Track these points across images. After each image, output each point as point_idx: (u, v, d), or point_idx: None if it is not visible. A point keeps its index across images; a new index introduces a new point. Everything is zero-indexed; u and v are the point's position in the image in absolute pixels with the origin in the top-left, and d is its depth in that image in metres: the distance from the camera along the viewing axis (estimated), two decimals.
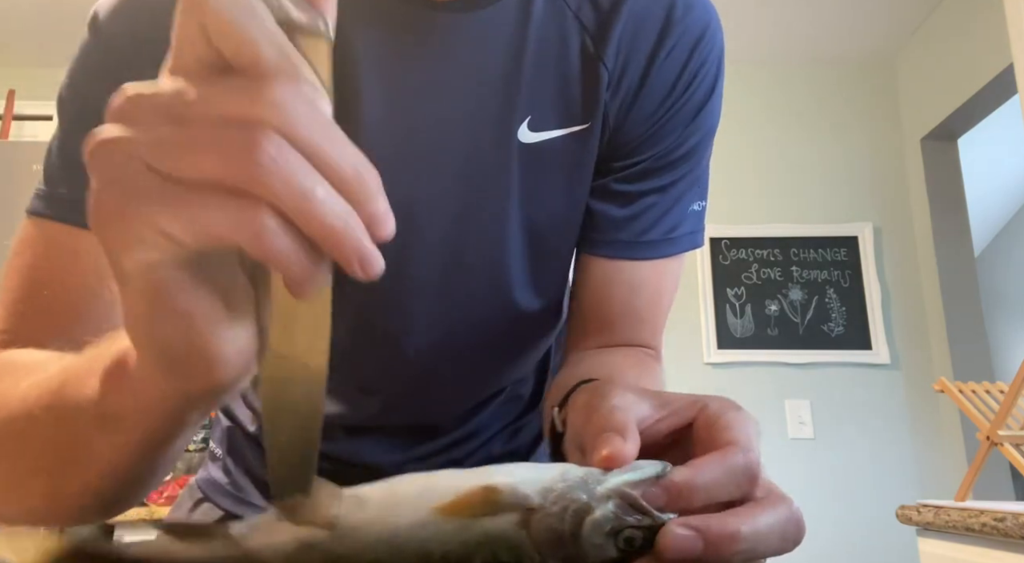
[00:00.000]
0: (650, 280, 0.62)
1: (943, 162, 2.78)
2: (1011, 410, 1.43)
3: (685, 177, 0.61)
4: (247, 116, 0.22)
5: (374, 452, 0.67)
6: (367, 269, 0.24)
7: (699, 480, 0.30)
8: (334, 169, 0.23)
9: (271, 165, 0.22)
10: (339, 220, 0.23)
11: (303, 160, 0.23)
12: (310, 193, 0.22)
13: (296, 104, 0.23)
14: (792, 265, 2.78)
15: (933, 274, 2.69)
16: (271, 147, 0.22)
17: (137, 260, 0.24)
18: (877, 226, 2.82)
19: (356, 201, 0.24)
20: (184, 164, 0.22)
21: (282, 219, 0.23)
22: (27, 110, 2.80)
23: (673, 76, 0.58)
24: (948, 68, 2.65)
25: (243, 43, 0.23)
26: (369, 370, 0.63)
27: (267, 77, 0.23)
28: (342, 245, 0.23)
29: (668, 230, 0.62)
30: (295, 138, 0.23)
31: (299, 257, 0.23)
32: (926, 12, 2.73)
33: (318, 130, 0.23)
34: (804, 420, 2.65)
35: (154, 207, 0.23)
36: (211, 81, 0.23)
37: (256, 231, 0.22)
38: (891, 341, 2.70)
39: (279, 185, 0.22)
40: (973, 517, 1.33)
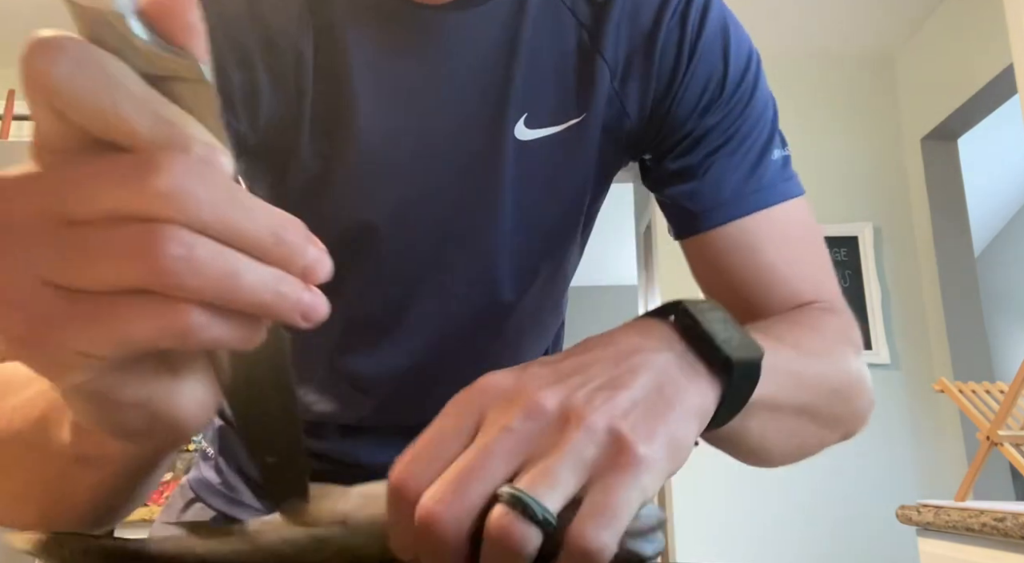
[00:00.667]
0: (767, 235, 0.57)
1: (943, 162, 2.78)
2: (1011, 410, 1.43)
3: (743, 127, 0.58)
4: (140, 211, 0.19)
5: (370, 452, 0.66)
6: (310, 319, 0.23)
7: None
8: (251, 240, 0.21)
9: (180, 265, 0.19)
10: (269, 291, 0.21)
11: (214, 244, 0.20)
12: (232, 278, 0.20)
13: (191, 183, 0.20)
14: None
15: (933, 274, 2.69)
16: (175, 246, 0.19)
17: (64, 380, 0.22)
18: (877, 226, 2.82)
19: (284, 262, 0.22)
20: (85, 276, 0.20)
21: (208, 308, 0.21)
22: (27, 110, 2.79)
23: (675, 45, 0.57)
24: (948, 68, 2.65)
25: (107, 118, 0.20)
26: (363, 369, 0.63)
27: (149, 155, 0.20)
28: (279, 312, 0.22)
29: (755, 180, 0.58)
30: (199, 223, 0.20)
31: (238, 334, 0.22)
32: (926, 12, 2.73)
33: (223, 205, 0.20)
34: None
35: (64, 329, 0.20)
36: (86, 167, 0.20)
37: (183, 331, 0.20)
38: (891, 341, 2.70)
39: (195, 282, 0.20)
40: (973, 517, 1.33)
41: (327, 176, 0.55)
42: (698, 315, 0.34)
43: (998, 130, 3.27)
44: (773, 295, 0.57)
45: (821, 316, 0.55)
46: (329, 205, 0.56)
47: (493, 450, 0.28)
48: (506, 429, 0.29)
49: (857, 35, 2.86)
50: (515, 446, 0.28)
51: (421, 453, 0.29)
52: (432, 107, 0.55)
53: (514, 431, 0.29)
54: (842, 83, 2.98)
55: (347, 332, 0.60)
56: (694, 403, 0.32)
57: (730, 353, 0.33)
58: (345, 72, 0.53)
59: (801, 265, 0.58)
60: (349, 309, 0.58)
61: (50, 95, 0.19)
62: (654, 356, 0.33)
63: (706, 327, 0.34)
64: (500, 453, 0.28)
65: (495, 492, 0.27)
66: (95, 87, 0.19)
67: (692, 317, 0.34)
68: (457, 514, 0.27)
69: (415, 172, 0.56)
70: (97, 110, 0.19)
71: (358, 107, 0.53)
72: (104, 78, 0.20)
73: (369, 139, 0.54)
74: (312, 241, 0.23)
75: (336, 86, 0.53)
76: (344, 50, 0.53)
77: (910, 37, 2.87)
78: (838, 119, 2.94)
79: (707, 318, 0.34)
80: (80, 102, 0.19)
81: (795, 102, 2.94)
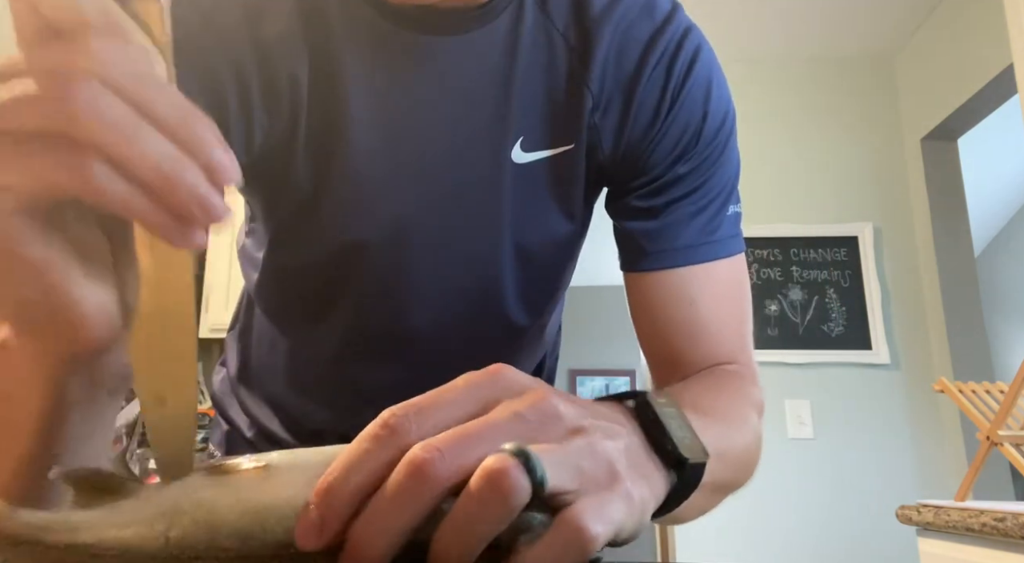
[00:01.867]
0: (706, 288, 0.60)
1: (943, 162, 2.78)
2: (1011, 410, 1.43)
3: (709, 181, 0.60)
4: (64, 65, 0.23)
5: None
6: (209, 214, 0.24)
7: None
8: (159, 117, 0.23)
9: (88, 107, 0.22)
10: (169, 164, 0.23)
11: (125, 106, 0.23)
12: (133, 137, 0.23)
13: (115, 55, 0.23)
14: (792, 265, 2.78)
15: (933, 274, 2.69)
16: (87, 91, 0.22)
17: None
18: (877, 226, 2.82)
19: (189, 149, 0.24)
20: (5, 116, 0.23)
21: (111, 164, 0.23)
22: None
23: (657, 92, 0.58)
24: (948, 68, 2.65)
25: (65, 7, 0.23)
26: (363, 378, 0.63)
27: (87, 33, 0.23)
28: (175, 189, 0.23)
29: (708, 233, 0.60)
30: (115, 85, 0.23)
31: (140, 202, 0.23)
32: (926, 12, 2.73)
33: (140, 80, 0.23)
34: (804, 420, 2.65)
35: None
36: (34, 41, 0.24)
37: (86, 176, 0.23)
38: (891, 341, 2.70)
39: (99, 128, 0.22)
40: (973, 517, 1.33)
41: (320, 196, 0.55)
42: (659, 411, 0.35)
43: (998, 130, 3.27)
44: (698, 348, 0.60)
45: (735, 382, 0.58)
46: (321, 224, 0.56)
47: (501, 427, 0.27)
48: (517, 414, 0.28)
49: (857, 36, 2.86)
50: (523, 432, 0.28)
51: (425, 407, 0.28)
52: (428, 130, 0.55)
53: (525, 420, 0.28)
54: (842, 83, 2.98)
55: (347, 343, 0.60)
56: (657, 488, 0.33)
57: (686, 455, 0.34)
58: (341, 94, 0.53)
59: (729, 325, 0.61)
60: (347, 321, 0.59)
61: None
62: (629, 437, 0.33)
63: (667, 425, 0.34)
64: (507, 431, 0.27)
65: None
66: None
67: (654, 412, 0.35)
68: (451, 466, 0.26)
69: (410, 193, 0.56)
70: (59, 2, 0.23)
71: (353, 129, 0.53)
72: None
73: (363, 161, 0.54)
74: (222, 145, 0.25)
75: (331, 108, 0.53)
76: (340, 72, 0.52)
77: (910, 37, 2.87)
78: (838, 119, 2.94)
79: (665, 413, 0.35)
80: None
81: (795, 102, 2.94)
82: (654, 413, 0.35)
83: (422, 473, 0.25)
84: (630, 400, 0.37)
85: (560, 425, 0.29)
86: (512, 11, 0.55)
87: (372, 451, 0.27)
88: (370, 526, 0.26)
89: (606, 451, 0.29)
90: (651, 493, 0.32)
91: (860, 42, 2.90)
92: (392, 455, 0.26)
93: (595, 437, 0.29)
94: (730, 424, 0.49)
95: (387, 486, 0.26)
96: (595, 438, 0.29)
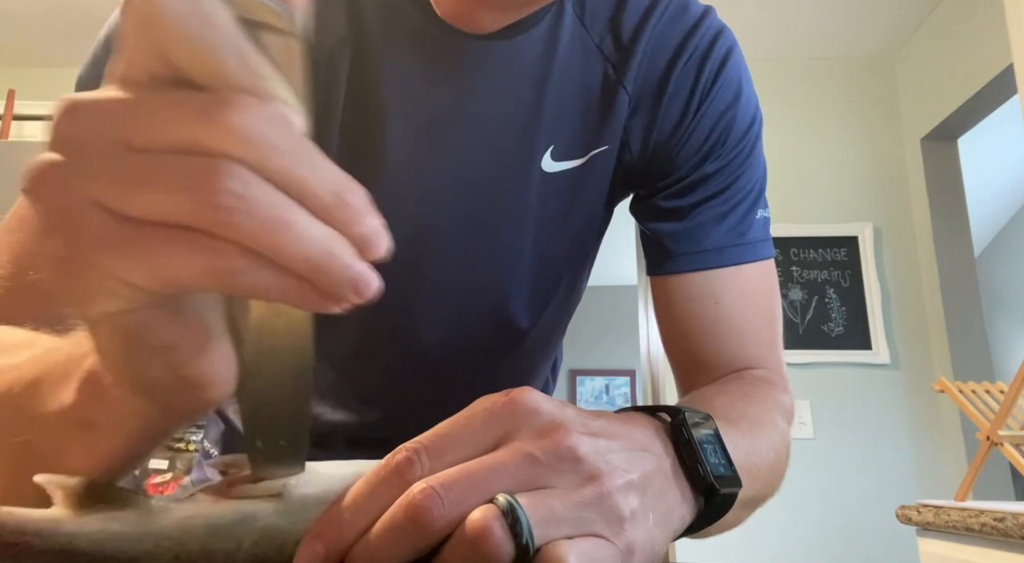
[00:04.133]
0: (733, 291, 0.59)
1: (943, 162, 2.78)
2: (1011, 410, 1.43)
3: (736, 182, 0.60)
4: (204, 145, 0.19)
5: None
6: (361, 293, 0.22)
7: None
8: (311, 194, 0.21)
9: (235, 204, 0.19)
10: (320, 251, 0.20)
11: (273, 191, 0.20)
12: (283, 227, 0.20)
13: (260, 126, 0.20)
14: (792, 265, 2.78)
15: (933, 274, 2.69)
16: (234, 183, 0.19)
17: (97, 308, 0.22)
18: (877, 226, 2.82)
19: (340, 224, 0.21)
20: (137, 203, 0.20)
21: (256, 255, 0.20)
22: (27, 110, 2.79)
23: (687, 91, 0.58)
24: (948, 68, 2.65)
25: (200, 55, 0.20)
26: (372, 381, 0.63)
27: (226, 95, 0.20)
28: (328, 275, 0.21)
29: (736, 236, 0.59)
30: (262, 166, 0.20)
31: (286, 289, 0.21)
32: (926, 12, 2.73)
33: (288, 153, 0.20)
34: (804, 420, 2.65)
35: (110, 255, 0.20)
36: (163, 99, 0.20)
37: (226, 274, 0.20)
38: (891, 341, 2.70)
39: (246, 224, 0.19)
40: (973, 517, 1.33)
41: None
42: (694, 433, 0.35)
43: (998, 130, 3.27)
44: (723, 350, 0.59)
45: (764, 388, 0.57)
46: None
47: (508, 468, 0.27)
48: (530, 456, 0.28)
49: (857, 36, 2.86)
50: (531, 475, 0.27)
51: (436, 446, 0.28)
52: (462, 135, 0.55)
53: (537, 462, 0.28)
54: (842, 83, 2.98)
55: (359, 345, 0.60)
56: (675, 520, 0.33)
57: (719, 486, 0.34)
58: (377, 92, 0.52)
59: (756, 328, 0.60)
60: (363, 323, 0.58)
61: (152, 24, 0.19)
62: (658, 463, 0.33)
63: (701, 450, 0.34)
64: (514, 473, 0.27)
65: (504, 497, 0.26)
66: (196, 23, 0.19)
67: (689, 434, 0.35)
68: (449, 513, 0.26)
69: (438, 198, 0.55)
70: (191, 46, 0.20)
71: (387, 129, 0.53)
72: (204, 16, 0.20)
73: (396, 161, 0.53)
74: (373, 213, 0.22)
75: (367, 106, 0.52)
76: (377, 71, 0.52)
77: (910, 37, 2.87)
78: (838, 119, 2.94)
79: (701, 436, 0.35)
80: (178, 35, 0.19)
81: (796, 102, 2.94)
82: (689, 435, 0.34)
83: (418, 518, 0.25)
84: (665, 413, 0.36)
85: (575, 469, 0.28)
86: (551, 19, 0.55)
87: (379, 491, 0.27)
88: (362, 559, 0.26)
89: (618, 502, 0.28)
90: (666, 529, 0.32)
91: (860, 42, 2.90)
92: (395, 496, 0.27)
93: (610, 484, 0.28)
94: (761, 436, 0.48)
95: (383, 521, 0.26)
96: (610, 485, 0.28)
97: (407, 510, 0.26)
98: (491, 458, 0.27)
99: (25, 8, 2.74)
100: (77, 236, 0.20)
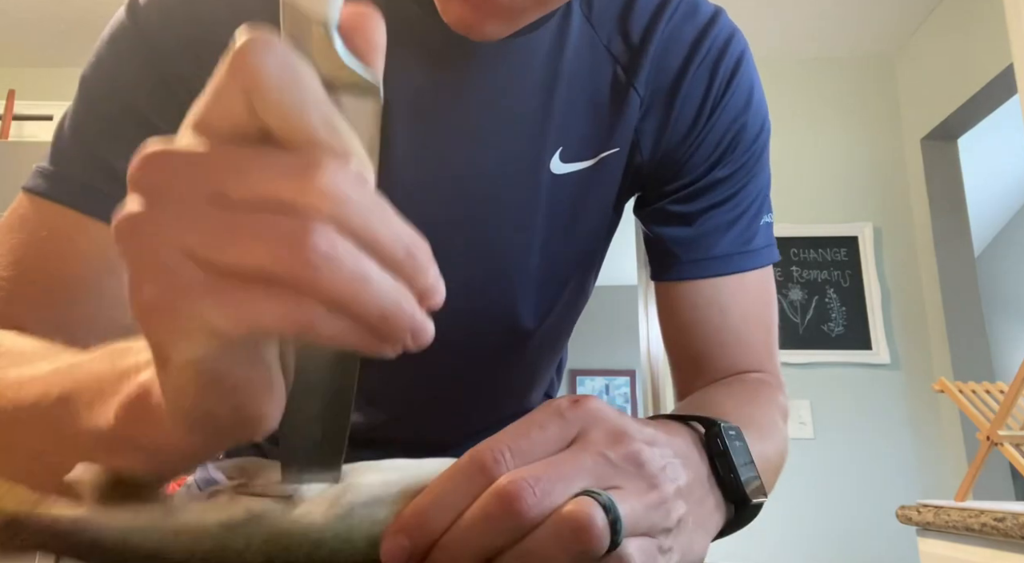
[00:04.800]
0: (738, 297, 0.60)
1: (943, 162, 2.78)
2: (1011, 410, 1.43)
3: (745, 188, 0.60)
4: (296, 204, 0.21)
5: None
6: (418, 341, 0.23)
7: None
8: (386, 251, 0.22)
9: (323, 260, 0.21)
10: (391, 303, 0.22)
11: (354, 249, 0.21)
12: (362, 283, 0.21)
13: (346, 188, 0.21)
14: (792, 265, 2.78)
15: (933, 274, 2.69)
16: (323, 241, 0.21)
17: (183, 352, 0.23)
18: (877, 226, 2.82)
19: (408, 278, 0.23)
20: (229, 254, 0.21)
21: (333, 307, 0.21)
22: (27, 110, 2.80)
23: (700, 95, 0.57)
24: (948, 68, 2.65)
25: (291, 118, 0.21)
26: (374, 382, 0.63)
27: (315, 157, 0.21)
28: (395, 326, 0.22)
29: (742, 243, 0.60)
30: (346, 225, 0.21)
31: (360, 337, 0.22)
32: (926, 12, 2.73)
33: (369, 213, 0.22)
34: (804, 420, 2.65)
35: (198, 301, 0.21)
36: (251, 155, 0.21)
37: (306, 323, 0.21)
38: (891, 341, 2.70)
39: (331, 279, 0.21)
40: (973, 517, 1.33)
41: None
42: (730, 446, 0.37)
43: (998, 130, 3.27)
44: (726, 355, 0.60)
45: (765, 390, 0.59)
46: None
47: (587, 466, 0.28)
48: (605, 457, 0.29)
49: (857, 36, 2.86)
50: (605, 473, 0.29)
51: (516, 446, 0.29)
52: (469, 136, 0.54)
53: (612, 464, 0.29)
54: (842, 83, 2.98)
55: None
56: (711, 527, 0.35)
57: (752, 497, 0.36)
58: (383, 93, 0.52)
59: (758, 335, 0.61)
60: None
61: (251, 85, 0.21)
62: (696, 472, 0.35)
63: (737, 464, 0.36)
64: (592, 471, 0.28)
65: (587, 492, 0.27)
66: (290, 87, 0.21)
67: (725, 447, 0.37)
68: (542, 503, 0.26)
69: (445, 200, 0.55)
70: (284, 108, 0.21)
71: (392, 130, 0.52)
72: (299, 80, 0.21)
73: (401, 162, 0.53)
74: (434, 264, 0.24)
75: None
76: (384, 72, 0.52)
77: (910, 37, 2.87)
78: (838, 119, 2.94)
79: (735, 448, 0.37)
80: (274, 97, 0.21)
81: (795, 102, 2.94)
82: (725, 447, 0.36)
83: (513, 506, 0.26)
84: (696, 422, 0.38)
85: (639, 474, 0.30)
86: (558, 19, 0.54)
87: (463, 486, 0.28)
88: (453, 548, 0.27)
89: (672, 508, 0.30)
90: (704, 535, 0.34)
91: (860, 42, 2.90)
92: (481, 490, 0.27)
93: (666, 490, 0.30)
94: (766, 437, 0.50)
95: (475, 510, 0.27)
96: (667, 492, 0.30)
97: (501, 499, 0.26)
98: (571, 455, 0.29)
99: (25, 8, 2.74)
100: (168, 284, 0.21)
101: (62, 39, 2.92)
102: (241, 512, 0.28)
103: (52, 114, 2.79)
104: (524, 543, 0.26)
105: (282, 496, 0.29)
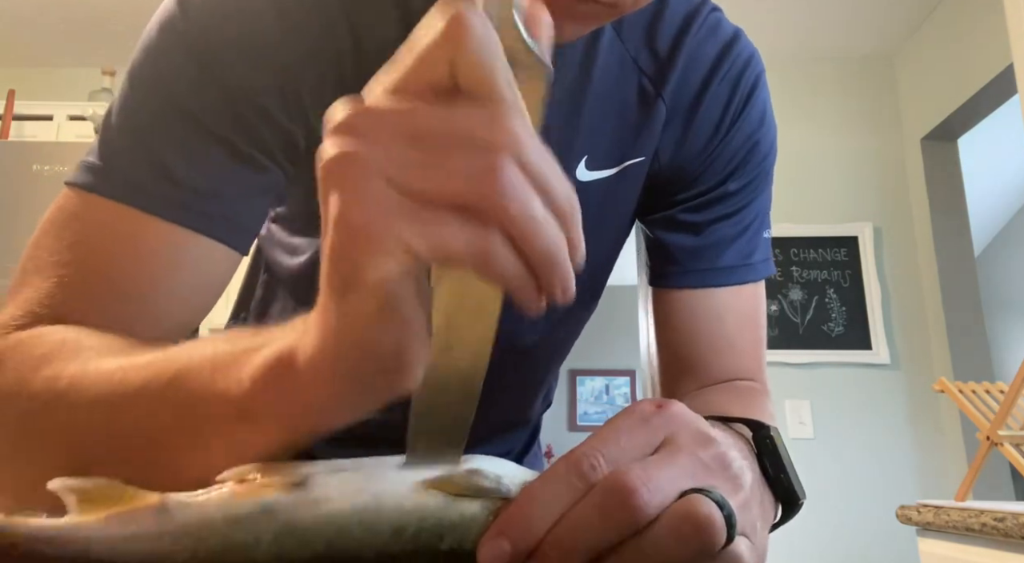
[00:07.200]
0: (734, 308, 0.62)
1: (943, 162, 2.78)
2: (1011, 410, 1.43)
3: (752, 203, 0.62)
4: (488, 141, 0.23)
5: None
6: (567, 293, 0.25)
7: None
8: (553, 196, 0.25)
9: (509, 189, 0.23)
10: (555, 246, 0.24)
11: (531, 187, 0.24)
12: (538, 218, 0.24)
13: (526, 135, 0.24)
14: (792, 265, 2.78)
15: (933, 274, 2.69)
16: (511, 172, 0.23)
17: (380, 270, 0.25)
18: (877, 226, 2.82)
19: (566, 227, 0.25)
20: (428, 183, 0.24)
21: (508, 241, 0.24)
22: (27, 110, 2.79)
23: (720, 109, 0.59)
24: (948, 68, 2.65)
25: (486, 78, 0.24)
26: None
27: (502, 109, 0.24)
28: (555, 268, 0.25)
29: (744, 256, 0.62)
30: (526, 166, 0.24)
31: (523, 278, 0.24)
32: (926, 12, 2.73)
33: (544, 161, 0.24)
34: (804, 420, 2.65)
35: (400, 222, 0.24)
36: (444, 104, 0.24)
37: (488, 251, 0.24)
38: (891, 341, 2.70)
39: (514, 208, 0.23)
40: (973, 517, 1.33)
41: None
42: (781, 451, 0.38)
43: (998, 130, 3.27)
44: (720, 364, 0.62)
45: (759, 398, 0.61)
46: None
47: (686, 468, 0.29)
48: (700, 460, 0.30)
49: (857, 35, 2.86)
50: (700, 474, 0.29)
51: (607, 446, 0.29)
52: None
53: (706, 466, 0.30)
54: (842, 83, 2.98)
55: None
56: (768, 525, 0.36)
57: (802, 499, 0.38)
58: None
59: (751, 346, 0.63)
60: None
61: (459, 47, 0.23)
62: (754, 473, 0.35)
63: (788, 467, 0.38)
64: (691, 473, 0.29)
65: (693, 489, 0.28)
66: (489, 51, 0.24)
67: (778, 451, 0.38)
68: (655, 499, 0.27)
69: None
70: (484, 70, 0.24)
71: None
72: (495, 47, 0.24)
73: None
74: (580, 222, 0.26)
75: None
76: None
77: (910, 37, 2.87)
78: (839, 119, 2.94)
79: (786, 453, 0.39)
80: (477, 59, 0.24)
81: (796, 102, 2.94)
82: (774, 447, 0.38)
83: (628, 501, 0.27)
84: (742, 425, 0.39)
85: (727, 477, 0.31)
86: (590, 31, 0.55)
87: (561, 490, 0.28)
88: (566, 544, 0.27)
89: (754, 510, 0.32)
90: (766, 541, 0.34)
91: (860, 42, 2.90)
92: (580, 494, 0.28)
93: (748, 492, 0.32)
94: None
95: (586, 507, 0.27)
96: (751, 496, 0.32)
97: (617, 493, 0.27)
98: (670, 456, 0.29)
99: (25, 8, 2.74)
100: (374, 209, 0.24)
101: (62, 39, 2.92)
102: (249, 504, 0.27)
103: (52, 114, 2.79)
104: (641, 539, 0.27)
105: (293, 484, 0.27)
